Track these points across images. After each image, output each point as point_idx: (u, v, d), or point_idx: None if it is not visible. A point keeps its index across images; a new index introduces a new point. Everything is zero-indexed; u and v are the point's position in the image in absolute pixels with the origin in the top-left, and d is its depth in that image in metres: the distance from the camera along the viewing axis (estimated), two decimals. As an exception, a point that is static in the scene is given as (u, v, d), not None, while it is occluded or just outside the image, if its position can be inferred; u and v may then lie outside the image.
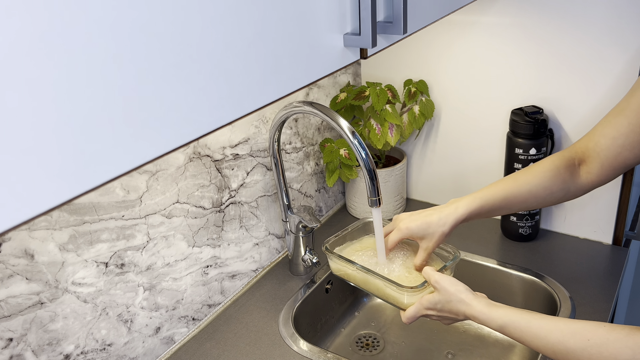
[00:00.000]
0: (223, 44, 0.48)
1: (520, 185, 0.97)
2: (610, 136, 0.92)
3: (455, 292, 0.87)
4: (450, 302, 0.87)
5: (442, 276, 0.89)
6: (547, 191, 0.97)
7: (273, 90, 0.55)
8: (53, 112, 0.37)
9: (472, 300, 0.86)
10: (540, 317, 0.80)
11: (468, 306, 0.86)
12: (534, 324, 0.80)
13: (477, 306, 0.85)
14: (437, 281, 0.89)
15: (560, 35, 1.16)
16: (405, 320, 0.93)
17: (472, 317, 0.86)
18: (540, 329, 0.79)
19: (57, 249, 0.81)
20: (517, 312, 0.82)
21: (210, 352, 1.03)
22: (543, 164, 0.98)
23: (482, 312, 0.84)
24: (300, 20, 0.56)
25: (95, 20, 0.38)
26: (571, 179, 0.97)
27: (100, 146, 0.40)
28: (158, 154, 0.45)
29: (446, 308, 0.88)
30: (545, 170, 0.97)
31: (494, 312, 0.83)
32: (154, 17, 0.42)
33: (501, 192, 0.97)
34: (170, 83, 0.44)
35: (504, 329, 0.82)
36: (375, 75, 1.43)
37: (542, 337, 0.78)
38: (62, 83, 0.37)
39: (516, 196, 0.97)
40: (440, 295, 0.89)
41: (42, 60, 0.35)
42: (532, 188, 0.97)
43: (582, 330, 0.76)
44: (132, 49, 0.41)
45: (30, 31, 0.34)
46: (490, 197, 0.97)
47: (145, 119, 0.43)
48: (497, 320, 0.83)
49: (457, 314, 0.88)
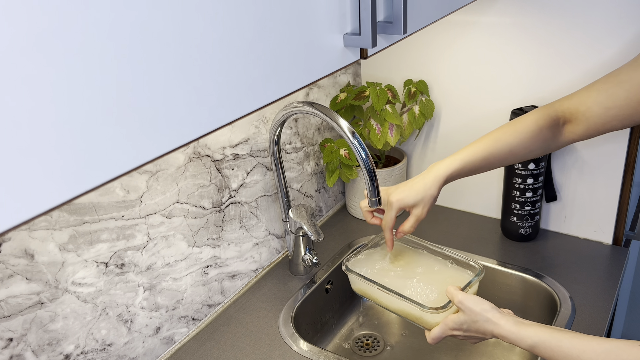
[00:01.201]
0: (223, 44, 0.48)
1: (502, 145, 0.97)
2: (604, 105, 0.91)
3: (481, 311, 0.85)
4: (477, 322, 0.85)
5: (466, 296, 0.87)
6: (527, 150, 0.98)
7: (273, 90, 0.55)
8: (52, 112, 0.37)
9: (500, 319, 0.83)
10: (572, 336, 0.78)
11: (496, 325, 0.83)
12: (565, 344, 0.77)
13: (506, 325, 0.83)
14: (460, 301, 0.87)
15: (561, 35, 1.16)
16: (430, 341, 0.91)
17: (501, 337, 0.84)
18: (572, 349, 0.77)
19: (57, 249, 0.81)
20: (547, 331, 0.80)
21: (210, 352, 1.03)
22: (526, 123, 0.97)
23: (511, 332, 0.82)
24: (300, 20, 0.56)
25: (94, 20, 0.38)
26: (552, 138, 0.98)
27: (100, 146, 0.40)
28: (158, 154, 0.45)
29: (472, 328, 0.86)
30: (527, 130, 0.97)
31: (524, 331, 0.81)
32: (153, 16, 0.42)
33: (481, 152, 0.97)
34: (170, 83, 0.44)
35: (535, 349, 0.80)
36: (375, 75, 1.43)
37: (575, 357, 0.76)
38: (61, 83, 0.37)
39: (496, 156, 0.97)
40: (465, 315, 0.86)
41: (40, 60, 0.35)
42: (512, 148, 0.97)
43: (617, 350, 0.73)
44: (132, 48, 0.41)
45: (28, 31, 0.34)
46: (470, 157, 0.97)
47: (145, 118, 0.43)
48: (527, 340, 0.80)
49: (484, 334, 0.86)
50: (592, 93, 0.94)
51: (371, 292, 1.00)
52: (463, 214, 1.43)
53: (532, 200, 1.25)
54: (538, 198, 1.25)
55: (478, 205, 1.41)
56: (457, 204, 1.44)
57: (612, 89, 0.91)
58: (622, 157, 1.19)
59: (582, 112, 0.94)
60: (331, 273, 1.23)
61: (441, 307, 0.90)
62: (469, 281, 0.96)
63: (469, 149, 0.98)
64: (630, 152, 1.18)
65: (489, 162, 0.98)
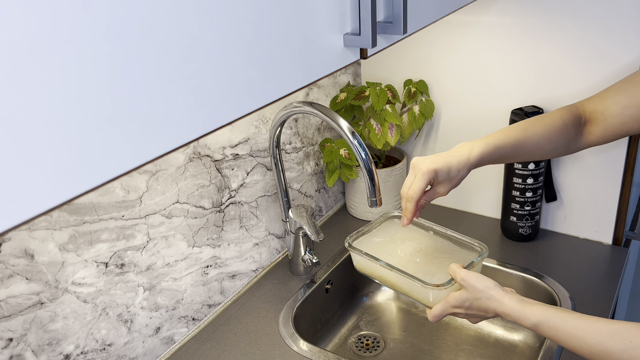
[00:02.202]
0: (223, 44, 0.48)
1: (529, 136, 0.96)
2: (622, 104, 0.91)
3: (484, 288, 0.84)
4: (479, 299, 0.84)
5: (469, 273, 0.86)
6: (552, 145, 0.96)
7: (273, 90, 0.55)
8: (52, 112, 0.37)
9: (503, 297, 0.82)
10: (577, 317, 0.77)
11: (499, 303, 0.82)
12: (570, 324, 0.76)
13: (509, 303, 0.81)
14: (463, 279, 0.86)
15: (561, 35, 1.16)
16: (431, 318, 0.90)
17: (504, 315, 0.82)
18: (577, 329, 0.75)
19: (57, 249, 0.81)
20: (552, 310, 0.79)
21: (210, 352, 1.03)
22: (552, 118, 0.97)
23: (515, 310, 0.81)
24: (300, 20, 0.56)
25: (93, 21, 0.38)
26: (575, 137, 0.97)
27: (100, 146, 0.40)
28: (158, 154, 0.45)
29: (474, 306, 0.85)
30: (553, 124, 0.96)
31: (527, 310, 0.80)
32: (153, 17, 0.42)
33: (512, 140, 0.94)
34: (170, 83, 0.44)
35: (538, 328, 0.79)
36: (375, 75, 1.43)
37: (580, 338, 0.75)
38: (60, 83, 0.37)
39: (524, 146, 0.95)
40: (467, 292, 0.85)
41: (39, 61, 0.35)
42: (539, 140, 0.96)
43: (623, 332, 0.72)
44: (132, 49, 0.41)
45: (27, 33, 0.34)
46: (502, 142, 0.93)
47: (145, 118, 0.43)
48: (531, 318, 0.79)
49: (486, 312, 0.85)
50: (611, 92, 0.93)
51: (373, 270, 0.99)
52: (463, 213, 1.43)
53: (532, 200, 1.25)
54: (538, 198, 1.25)
55: (478, 205, 1.41)
56: (458, 203, 1.44)
57: (632, 88, 0.90)
58: (622, 157, 1.19)
59: (601, 112, 0.93)
60: (331, 273, 1.23)
61: (443, 284, 0.89)
62: (471, 261, 0.95)
63: (500, 135, 0.94)
64: (630, 152, 1.18)
65: (517, 150, 0.95)
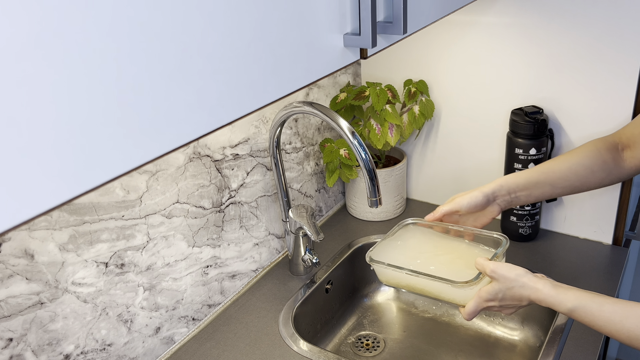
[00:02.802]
0: (223, 44, 0.48)
1: (560, 162, 0.99)
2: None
3: (516, 277, 0.83)
4: (512, 288, 0.84)
5: (498, 264, 0.86)
6: (588, 170, 0.98)
7: (273, 90, 0.55)
8: (52, 112, 0.37)
9: (537, 283, 0.82)
10: (614, 302, 0.77)
11: (532, 290, 0.82)
12: (607, 309, 0.76)
13: (544, 289, 0.81)
14: (493, 270, 0.85)
15: (560, 35, 1.16)
16: (465, 316, 0.89)
17: (538, 301, 0.82)
18: (614, 314, 0.76)
19: (57, 249, 0.81)
20: (588, 295, 0.79)
21: (210, 352, 1.03)
22: (583, 146, 1.01)
23: (550, 295, 0.81)
24: (300, 20, 0.56)
25: (94, 20, 0.38)
26: (613, 162, 0.99)
27: (100, 146, 0.40)
28: (158, 154, 0.45)
29: (508, 296, 0.84)
30: (584, 150, 0.99)
31: (563, 295, 0.80)
32: (153, 17, 0.42)
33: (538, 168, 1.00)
34: (170, 83, 0.44)
35: (573, 313, 0.79)
36: (375, 75, 1.43)
37: (617, 322, 0.75)
38: (61, 83, 0.37)
39: (555, 171, 0.98)
40: (499, 284, 0.85)
41: (40, 61, 0.35)
42: (571, 165, 0.98)
43: None
44: (132, 48, 0.41)
45: (28, 31, 0.34)
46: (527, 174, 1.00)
47: (145, 119, 0.43)
48: (567, 303, 0.79)
49: (520, 300, 0.84)
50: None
51: (400, 280, 0.97)
52: (463, 214, 1.43)
53: (532, 200, 1.25)
54: (538, 198, 1.25)
55: (478, 205, 1.41)
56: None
57: None
58: (622, 157, 1.19)
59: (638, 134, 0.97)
60: (331, 273, 1.23)
61: (472, 280, 0.88)
62: (494, 252, 0.94)
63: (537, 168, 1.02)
64: (630, 152, 1.18)
65: (548, 177, 0.99)
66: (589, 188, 1.01)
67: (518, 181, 1.00)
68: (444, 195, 1.45)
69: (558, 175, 0.99)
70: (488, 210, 1.01)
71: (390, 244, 1.04)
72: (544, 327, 1.15)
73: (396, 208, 1.41)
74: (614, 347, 1.66)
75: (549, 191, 1.00)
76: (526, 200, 1.02)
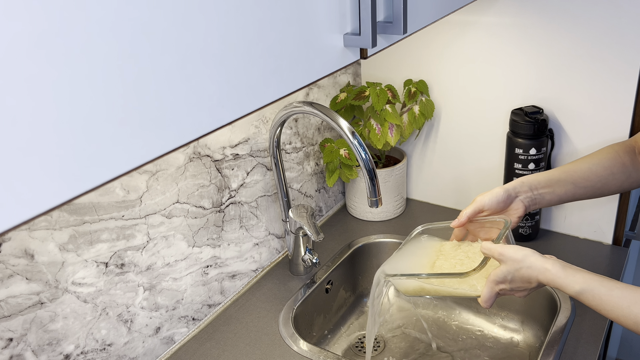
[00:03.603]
0: (223, 44, 0.48)
1: (580, 162, 1.00)
2: None
3: (523, 257, 0.82)
4: (520, 269, 0.82)
5: (505, 246, 0.84)
6: (608, 171, 0.98)
7: (273, 90, 0.55)
8: (53, 112, 0.37)
9: (545, 263, 0.81)
10: (623, 287, 0.76)
11: (541, 270, 0.81)
12: (615, 293, 0.75)
13: (552, 269, 0.80)
14: (501, 253, 0.84)
15: (561, 35, 1.16)
16: (484, 304, 0.87)
17: (547, 282, 0.81)
18: (622, 299, 0.75)
19: (57, 249, 0.81)
20: (597, 278, 0.78)
21: (210, 352, 1.03)
22: (602, 149, 1.02)
23: (558, 276, 0.79)
24: (300, 20, 0.56)
25: (95, 20, 0.38)
26: (632, 165, 0.99)
27: (100, 146, 0.40)
28: (158, 154, 0.45)
29: (517, 277, 0.83)
30: (604, 152, 1.01)
31: (571, 276, 0.79)
32: (154, 17, 0.42)
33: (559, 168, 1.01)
34: (170, 83, 0.44)
35: (581, 295, 0.78)
36: (375, 75, 1.43)
37: (625, 307, 0.74)
38: (62, 82, 0.37)
39: (576, 170, 0.99)
40: (507, 265, 0.83)
41: (41, 60, 0.35)
42: (591, 166, 0.99)
43: None
44: (133, 48, 0.41)
45: (29, 30, 0.34)
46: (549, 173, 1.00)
47: (145, 118, 0.43)
48: (575, 285, 0.78)
49: (529, 281, 0.83)
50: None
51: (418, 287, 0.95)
52: (463, 214, 1.43)
53: (532, 200, 1.24)
54: (538, 198, 1.25)
55: (478, 205, 1.41)
56: (458, 203, 1.44)
57: None
58: (622, 157, 1.19)
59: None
60: (331, 273, 1.23)
61: (478, 265, 0.86)
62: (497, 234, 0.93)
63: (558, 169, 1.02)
64: (630, 152, 1.18)
65: (570, 175, 0.99)
66: (610, 191, 1.00)
67: (539, 179, 0.99)
68: (444, 195, 1.45)
69: (579, 174, 0.99)
70: (512, 208, 1.00)
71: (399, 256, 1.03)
72: (544, 327, 1.15)
73: (396, 208, 1.41)
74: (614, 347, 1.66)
75: (572, 190, 0.99)
76: (551, 199, 1.00)
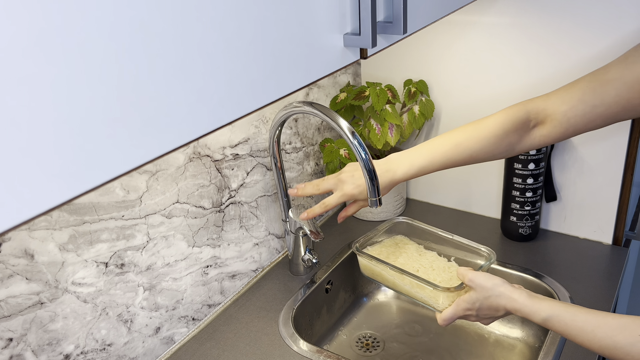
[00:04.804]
0: (223, 44, 0.48)
1: (462, 150, 0.96)
2: (591, 104, 0.89)
3: (493, 286, 0.85)
4: (489, 297, 0.85)
5: (477, 273, 0.87)
6: (489, 155, 0.97)
7: (273, 90, 0.55)
8: (52, 112, 0.37)
9: (513, 293, 0.83)
10: (586, 311, 0.78)
11: (509, 299, 0.83)
12: (579, 318, 0.77)
13: (519, 298, 0.82)
14: (471, 279, 0.87)
15: (560, 35, 1.16)
16: (441, 322, 0.91)
17: (514, 311, 0.83)
18: (586, 323, 0.76)
19: (57, 249, 0.81)
20: (561, 305, 0.80)
21: (210, 352, 1.03)
22: (491, 127, 0.96)
23: (525, 305, 0.82)
24: (300, 20, 0.56)
25: (94, 20, 0.38)
26: (518, 141, 0.96)
27: (100, 146, 0.40)
28: (158, 154, 0.45)
29: (485, 305, 0.86)
30: (491, 135, 0.95)
31: (537, 305, 0.81)
32: (153, 17, 0.42)
33: (440, 158, 0.97)
34: (170, 83, 0.44)
35: (548, 322, 0.80)
36: (375, 75, 1.43)
37: (589, 332, 0.76)
38: (61, 82, 0.37)
39: (455, 161, 0.97)
40: (477, 293, 0.86)
41: (40, 60, 0.35)
42: (473, 153, 0.96)
43: (632, 325, 0.74)
44: (132, 48, 0.41)
45: (28, 30, 0.34)
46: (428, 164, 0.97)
47: (145, 118, 0.43)
48: (541, 313, 0.80)
49: (497, 310, 0.85)
50: (576, 92, 0.91)
51: (381, 274, 1.00)
52: (463, 213, 1.43)
53: (532, 200, 1.25)
54: (538, 198, 1.25)
55: (478, 205, 1.41)
56: (458, 203, 1.44)
57: (601, 87, 0.89)
58: (622, 156, 1.19)
59: (563, 112, 0.91)
60: (331, 273, 1.23)
61: (454, 287, 0.90)
62: (480, 266, 0.96)
63: (428, 155, 0.97)
64: (630, 151, 1.18)
65: (447, 166, 0.98)
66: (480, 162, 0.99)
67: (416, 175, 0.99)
68: (444, 195, 1.45)
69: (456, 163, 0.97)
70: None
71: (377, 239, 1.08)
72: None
73: (396, 208, 1.41)
74: (614, 347, 1.66)
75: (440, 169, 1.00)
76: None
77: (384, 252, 1.04)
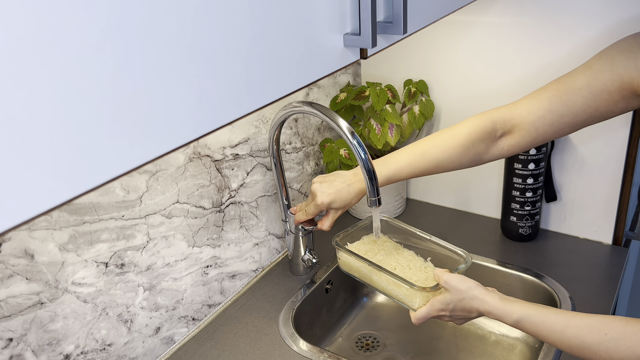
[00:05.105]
0: (223, 44, 0.48)
1: (428, 160, 0.98)
2: (558, 113, 0.90)
3: (467, 289, 0.86)
4: (463, 300, 0.87)
5: (452, 275, 0.89)
6: (455, 164, 0.98)
7: (273, 90, 0.55)
8: (51, 112, 0.37)
9: (485, 296, 0.85)
10: (556, 312, 0.80)
11: (481, 302, 0.85)
12: (549, 319, 0.79)
13: (491, 301, 0.84)
14: (446, 281, 0.88)
15: (561, 35, 1.16)
16: (415, 321, 0.92)
17: (486, 313, 0.85)
18: (556, 324, 0.78)
19: (57, 249, 0.81)
20: (532, 307, 0.81)
21: (210, 352, 1.03)
22: (458, 137, 0.97)
23: (497, 307, 0.83)
24: (300, 20, 0.56)
25: (93, 20, 0.38)
26: (485, 151, 0.97)
27: (100, 146, 0.40)
28: (158, 154, 0.45)
29: (459, 307, 0.87)
30: (457, 144, 0.96)
31: (509, 307, 0.82)
32: (153, 17, 0.42)
33: (406, 167, 0.99)
34: (170, 83, 0.44)
35: (519, 324, 0.82)
36: (375, 75, 1.43)
37: (558, 332, 0.78)
38: (60, 83, 0.37)
39: (421, 170, 0.99)
40: (451, 294, 0.88)
41: (39, 60, 0.35)
42: (439, 162, 0.98)
43: (599, 325, 0.75)
44: (132, 48, 0.41)
45: (26, 32, 0.34)
46: (394, 173, 0.99)
47: (145, 118, 0.43)
48: (512, 315, 0.82)
49: (470, 312, 0.87)
50: (543, 101, 0.91)
51: (359, 270, 1.01)
52: (463, 213, 1.43)
53: (532, 200, 1.25)
54: (538, 198, 1.25)
55: (478, 205, 1.41)
56: (458, 203, 1.44)
57: (568, 96, 0.89)
58: (622, 157, 1.19)
59: (531, 122, 0.92)
60: (331, 273, 1.23)
61: (430, 287, 0.92)
62: (456, 268, 0.98)
63: (395, 164, 1.00)
64: (630, 152, 1.18)
65: (414, 175, 1.00)
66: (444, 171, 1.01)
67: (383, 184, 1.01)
68: (443, 195, 1.45)
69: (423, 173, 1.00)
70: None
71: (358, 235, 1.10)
72: (544, 327, 1.15)
73: (396, 208, 1.41)
74: (614, 347, 1.66)
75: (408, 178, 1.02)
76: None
77: (363, 249, 1.06)
